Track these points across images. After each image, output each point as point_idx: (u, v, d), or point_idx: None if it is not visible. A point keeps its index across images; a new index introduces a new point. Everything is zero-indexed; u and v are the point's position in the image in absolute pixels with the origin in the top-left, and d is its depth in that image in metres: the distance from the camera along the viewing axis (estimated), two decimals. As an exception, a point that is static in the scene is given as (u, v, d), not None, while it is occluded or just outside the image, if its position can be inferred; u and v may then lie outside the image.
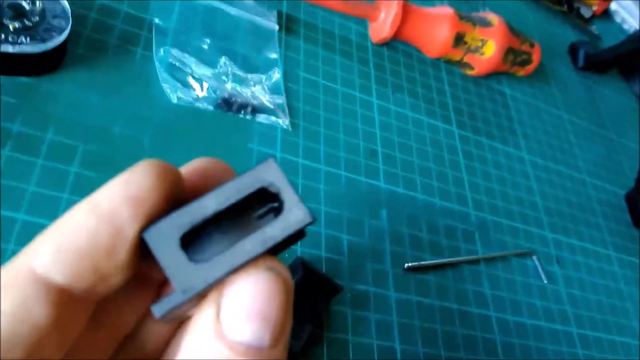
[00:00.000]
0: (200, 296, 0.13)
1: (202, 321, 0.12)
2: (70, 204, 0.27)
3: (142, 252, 0.13)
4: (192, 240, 0.13)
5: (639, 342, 0.45)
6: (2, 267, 0.12)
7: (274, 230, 0.13)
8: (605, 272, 0.48)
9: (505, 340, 0.38)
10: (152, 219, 0.13)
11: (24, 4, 0.30)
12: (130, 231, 0.13)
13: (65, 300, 0.12)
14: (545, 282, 0.43)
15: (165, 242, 0.13)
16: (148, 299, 0.16)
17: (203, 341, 0.12)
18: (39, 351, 0.12)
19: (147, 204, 0.13)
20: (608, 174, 0.58)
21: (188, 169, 0.15)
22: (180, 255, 0.13)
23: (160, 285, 0.17)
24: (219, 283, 0.12)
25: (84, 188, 0.28)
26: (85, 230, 0.12)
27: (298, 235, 0.14)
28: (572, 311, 0.43)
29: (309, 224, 0.13)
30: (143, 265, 0.14)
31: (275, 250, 0.13)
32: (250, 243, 0.13)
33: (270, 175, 0.13)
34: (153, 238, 0.13)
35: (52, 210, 0.27)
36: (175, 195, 0.14)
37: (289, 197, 0.13)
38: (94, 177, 0.29)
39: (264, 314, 0.12)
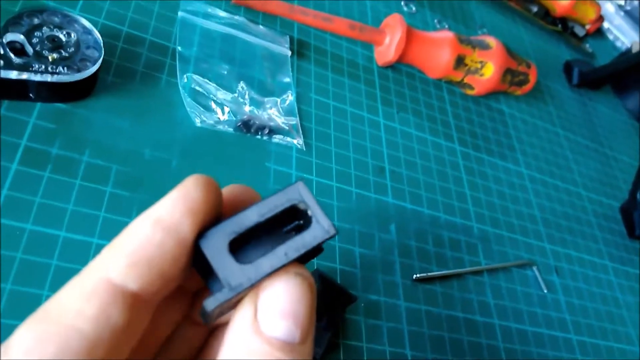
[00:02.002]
0: (238, 299, 0.15)
1: (241, 320, 0.14)
2: (106, 221, 0.30)
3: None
4: (236, 247, 0.15)
5: (638, 349, 0.48)
6: (77, 278, 0.15)
7: (306, 239, 0.15)
8: (601, 281, 0.51)
9: (508, 346, 0.40)
10: (203, 228, 0.15)
11: (61, 36, 0.33)
12: (189, 239, 0.15)
13: (136, 304, 0.14)
14: (545, 291, 0.45)
15: (216, 247, 0.15)
16: (183, 308, 0.18)
17: (242, 337, 0.14)
18: (116, 350, 0.14)
19: (201, 215, 0.15)
20: (603, 187, 0.61)
21: (225, 191, 0.18)
22: (229, 259, 0.15)
23: (193, 296, 0.19)
24: (259, 283, 0.14)
25: (118, 206, 0.31)
26: (153, 242, 0.14)
27: (317, 250, 0.16)
28: (570, 319, 0.45)
29: (334, 235, 0.16)
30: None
31: (300, 261, 0.16)
32: (286, 249, 0.15)
33: (300, 194, 0.16)
34: (207, 245, 0.15)
35: (90, 228, 0.29)
36: (218, 209, 0.16)
37: (317, 212, 0.16)
38: (127, 196, 0.31)
39: (295, 313, 0.14)
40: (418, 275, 0.39)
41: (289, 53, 0.44)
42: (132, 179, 0.32)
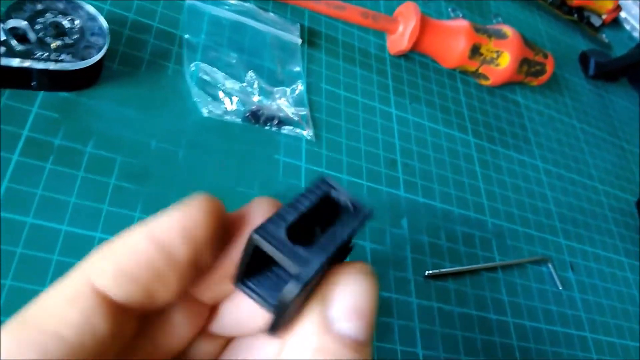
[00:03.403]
0: (303, 299, 0.14)
1: (310, 319, 0.13)
2: (109, 215, 0.29)
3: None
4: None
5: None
6: (60, 282, 0.14)
7: (350, 222, 0.15)
8: (617, 277, 0.49)
9: (523, 345, 0.39)
10: (201, 249, 0.14)
11: (65, 22, 0.32)
12: (181, 260, 0.14)
13: (120, 313, 0.14)
14: (560, 288, 0.44)
15: (274, 238, 0.13)
16: (199, 321, 0.18)
17: (312, 335, 0.13)
18: (99, 356, 0.13)
19: (198, 238, 0.14)
20: (619, 181, 0.59)
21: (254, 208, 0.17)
22: (290, 246, 0.13)
23: (210, 309, 0.18)
24: (323, 271, 0.13)
25: (122, 199, 0.30)
26: (144, 257, 0.14)
27: (347, 250, 0.16)
28: (586, 316, 0.44)
29: (371, 213, 0.15)
30: (195, 290, 0.16)
31: (336, 259, 0.15)
32: (335, 232, 0.14)
33: (329, 185, 0.15)
34: (263, 237, 0.13)
35: (93, 222, 0.28)
36: (219, 231, 0.15)
37: (349, 197, 0.15)
38: (132, 189, 0.30)
39: (366, 311, 0.13)
40: (430, 272, 0.37)
41: (300, 41, 0.43)
42: (138, 170, 0.31)
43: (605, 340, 0.44)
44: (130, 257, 0.14)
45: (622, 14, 0.84)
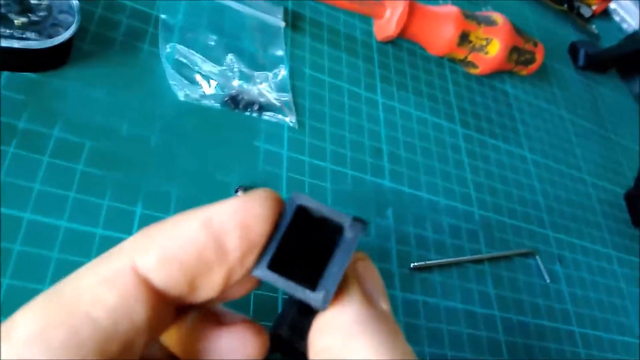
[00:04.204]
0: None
1: (355, 298, 0.15)
2: (76, 202, 0.27)
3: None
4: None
5: (638, 341, 0.46)
6: (101, 259, 0.13)
7: (349, 235, 0.15)
8: (605, 271, 0.49)
9: (510, 340, 0.38)
10: (255, 247, 0.14)
11: (30, -2, 0.30)
12: (233, 255, 0.13)
13: (159, 301, 0.13)
14: (548, 281, 0.43)
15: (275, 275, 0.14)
16: (213, 327, 0.16)
17: (362, 309, 0.14)
18: (131, 347, 0.12)
19: (255, 236, 0.13)
20: (607, 173, 0.59)
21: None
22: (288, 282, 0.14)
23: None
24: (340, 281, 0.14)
25: (90, 186, 0.28)
26: (195, 244, 0.13)
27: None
28: (573, 310, 0.43)
29: (364, 226, 0.15)
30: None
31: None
32: (340, 256, 0.15)
33: (300, 199, 0.15)
34: (264, 274, 0.14)
35: (58, 209, 0.26)
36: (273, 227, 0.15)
37: (329, 214, 0.15)
38: (100, 175, 0.29)
39: (384, 290, 0.16)
40: (416, 264, 0.36)
41: (283, 25, 0.41)
42: (107, 156, 0.29)
43: (592, 334, 0.43)
44: (181, 242, 0.13)
45: (612, 5, 0.84)
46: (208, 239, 0.13)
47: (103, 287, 0.12)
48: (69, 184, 0.27)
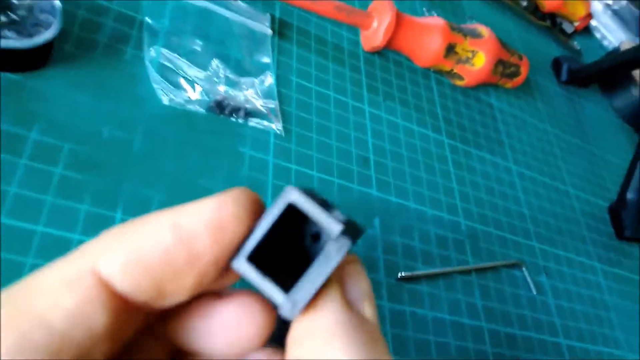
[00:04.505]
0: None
1: (334, 302, 0.14)
2: (54, 206, 0.26)
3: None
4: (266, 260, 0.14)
5: (625, 353, 0.46)
6: (61, 260, 0.12)
7: (331, 249, 0.14)
8: (590, 283, 0.49)
9: (497, 351, 0.37)
10: (229, 249, 0.13)
11: (10, -3, 0.29)
12: (204, 259, 0.12)
13: (121, 308, 0.12)
14: (535, 293, 0.43)
15: (254, 271, 0.13)
16: (149, 318, 0.15)
17: (339, 314, 0.13)
18: (89, 353, 0.11)
19: (229, 238, 0.13)
20: (591, 186, 0.59)
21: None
22: (271, 285, 0.13)
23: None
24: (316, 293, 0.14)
25: (68, 190, 0.27)
26: (162, 249, 0.12)
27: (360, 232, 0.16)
28: (560, 322, 0.43)
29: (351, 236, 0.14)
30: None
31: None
32: (318, 268, 0.13)
33: (292, 196, 0.13)
34: (240, 267, 0.13)
35: (34, 213, 0.25)
36: (250, 226, 0.14)
37: (319, 217, 0.13)
38: (79, 179, 0.28)
39: (371, 294, 0.15)
40: (403, 274, 0.36)
41: (270, 32, 0.41)
42: (87, 160, 0.28)
43: (578, 346, 0.43)
44: (147, 246, 0.12)
45: (593, 22, 0.85)
46: (176, 243, 0.12)
47: (61, 290, 0.11)
48: (47, 188, 0.26)
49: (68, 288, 0.11)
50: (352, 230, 0.14)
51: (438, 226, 0.41)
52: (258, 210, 0.14)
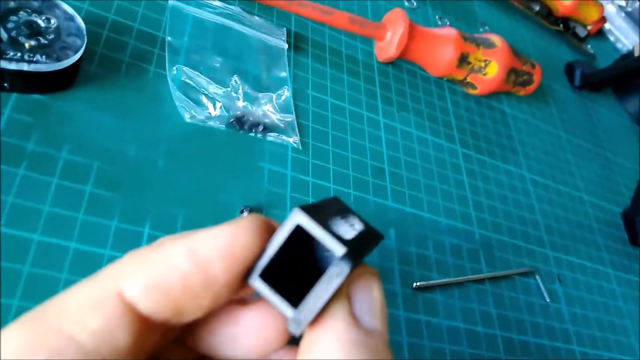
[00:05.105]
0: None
1: (339, 318, 0.14)
2: (85, 224, 0.27)
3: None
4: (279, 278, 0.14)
5: (638, 360, 0.46)
6: (87, 282, 0.13)
7: (334, 270, 0.14)
8: (604, 290, 0.49)
9: (510, 359, 0.38)
10: (241, 273, 0.14)
11: (40, 22, 0.30)
12: (220, 283, 0.13)
13: (144, 327, 0.13)
14: (548, 300, 0.43)
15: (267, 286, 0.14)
16: (175, 330, 0.16)
17: (344, 331, 0.14)
18: None
19: (243, 261, 0.14)
20: (605, 192, 0.59)
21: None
22: (281, 300, 0.14)
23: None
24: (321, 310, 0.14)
25: (98, 208, 0.28)
26: (180, 273, 0.13)
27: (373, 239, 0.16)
28: (573, 329, 0.44)
29: (346, 256, 0.14)
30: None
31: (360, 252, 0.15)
32: (321, 288, 0.14)
33: (297, 218, 0.14)
34: (256, 285, 0.14)
35: (67, 230, 0.27)
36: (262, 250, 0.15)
37: (323, 240, 0.14)
38: (108, 197, 0.29)
39: (382, 309, 0.15)
40: (418, 284, 0.37)
41: (286, 46, 0.42)
42: (115, 178, 0.30)
43: (592, 353, 0.43)
44: (167, 271, 0.13)
45: (607, 26, 0.85)
46: (193, 269, 0.13)
47: (88, 311, 0.12)
48: (78, 206, 0.28)
49: (95, 309, 0.12)
50: (362, 245, 0.15)
51: (452, 236, 0.42)
52: (269, 233, 0.15)
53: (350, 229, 0.15)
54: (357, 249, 0.14)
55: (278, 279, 0.14)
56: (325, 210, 0.15)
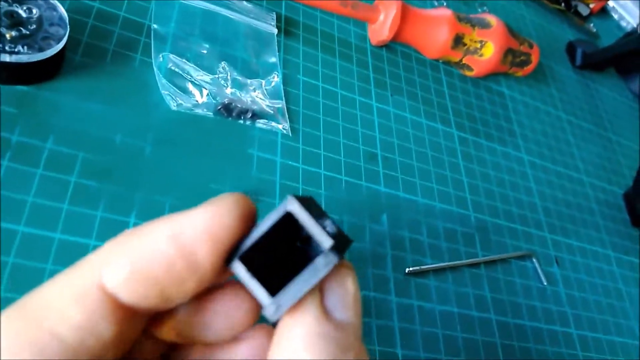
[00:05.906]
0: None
1: (310, 310, 0.14)
2: (70, 214, 0.27)
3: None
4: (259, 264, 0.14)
5: (638, 342, 0.46)
6: (67, 273, 0.13)
7: (319, 262, 0.14)
8: (604, 272, 0.49)
9: (506, 343, 0.38)
10: (225, 254, 0.14)
11: (21, 12, 0.30)
12: (204, 265, 0.13)
13: (127, 316, 0.13)
14: (545, 283, 0.43)
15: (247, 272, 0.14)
16: (143, 322, 0.16)
17: (314, 324, 0.14)
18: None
19: (226, 242, 0.13)
20: (606, 173, 0.58)
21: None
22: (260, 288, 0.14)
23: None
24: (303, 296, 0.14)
25: (84, 198, 0.28)
26: (163, 259, 0.13)
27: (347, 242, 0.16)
28: (571, 312, 0.43)
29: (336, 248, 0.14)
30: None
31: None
32: (304, 278, 0.14)
33: (291, 205, 0.14)
34: (236, 269, 0.14)
35: (52, 221, 0.27)
36: (246, 230, 0.14)
37: (313, 230, 0.14)
38: (94, 187, 0.29)
39: (355, 301, 0.15)
40: (411, 269, 0.36)
41: (276, 31, 0.41)
42: (101, 167, 0.29)
43: (591, 336, 0.43)
44: (149, 258, 0.13)
45: (610, 3, 0.83)
46: (177, 254, 0.13)
47: (69, 305, 0.12)
48: (63, 196, 0.28)
49: (76, 303, 0.12)
50: (341, 242, 0.15)
51: (447, 220, 0.41)
52: (250, 213, 0.14)
53: (330, 227, 0.15)
54: (341, 245, 0.14)
55: (260, 265, 0.14)
56: (309, 206, 0.15)
